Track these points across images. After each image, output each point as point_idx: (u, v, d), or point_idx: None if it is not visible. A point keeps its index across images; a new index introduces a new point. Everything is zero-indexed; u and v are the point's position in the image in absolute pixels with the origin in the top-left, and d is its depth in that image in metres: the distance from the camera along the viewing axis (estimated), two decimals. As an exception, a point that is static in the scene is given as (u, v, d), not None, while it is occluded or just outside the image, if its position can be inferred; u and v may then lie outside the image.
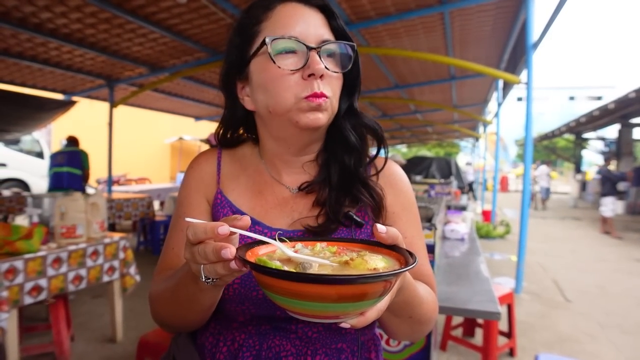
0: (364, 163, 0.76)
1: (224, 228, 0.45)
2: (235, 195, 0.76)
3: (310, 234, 0.69)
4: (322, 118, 0.67)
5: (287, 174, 0.77)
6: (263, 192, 0.76)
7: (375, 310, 0.49)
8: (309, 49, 0.64)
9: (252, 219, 0.73)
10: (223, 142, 0.81)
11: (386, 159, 0.78)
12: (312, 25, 0.67)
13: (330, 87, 0.67)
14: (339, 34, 0.70)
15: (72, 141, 5.55)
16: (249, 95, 0.72)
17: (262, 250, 0.55)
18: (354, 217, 0.70)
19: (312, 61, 0.64)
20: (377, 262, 0.50)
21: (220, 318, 0.73)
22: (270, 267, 0.45)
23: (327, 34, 0.68)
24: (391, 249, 0.54)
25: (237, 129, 0.81)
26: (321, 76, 0.65)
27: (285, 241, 0.56)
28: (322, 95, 0.65)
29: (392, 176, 0.78)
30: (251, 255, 0.52)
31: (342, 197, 0.72)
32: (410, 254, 0.51)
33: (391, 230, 0.52)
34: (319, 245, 0.58)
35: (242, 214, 0.73)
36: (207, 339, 0.74)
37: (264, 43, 0.65)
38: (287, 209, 0.75)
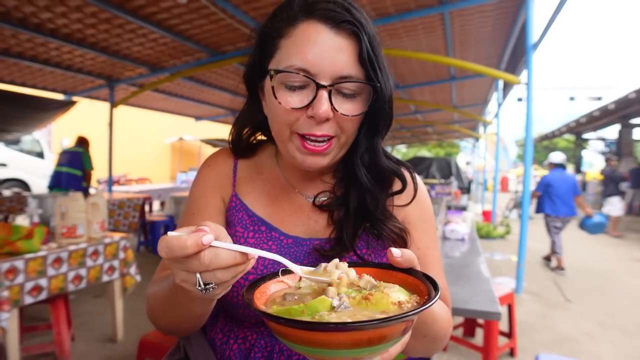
0: (382, 202, 0.71)
1: (207, 237, 0.41)
2: (252, 199, 0.74)
3: (321, 256, 0.66)
4: (323, 161, 0.63)
5: (303, 182, 0.75)
6: (279, 199, 0.75)
7: (400, 344, 0.47)
8: (319, 87, 0.57)
9: (269, 224, 0.72)
10: (238, 147, 0.77)
11: (415, 190, 0.74)
12: (331, 55, 0.58)
13: (340, 126, 0.61)
14: (368, 67, 0.60)
15: (80, 142, 5.69)
16: (266, 102, 0.68)
17: (272, 288, 0.51)
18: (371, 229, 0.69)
19: (317, 102, 0.57)
20: (398, 295, 0.46)
21: (231, 315, 0.72)
22: (296, 319, 0.41)
23: (349, 67, 0.59)
24: (407, 272, 0.51)
25: (255, 131, 0.76)
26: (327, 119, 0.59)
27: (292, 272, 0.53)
28: (323, 136, 0.60)
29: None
30: (260, 297, 0.48)
31: (360, 226, 0.68)
32: (429, 278, 0.48)
33: (406, 254, 0.50)
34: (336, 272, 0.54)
35: (259, 219, 0.72)
36: (216, 335, 0.73)
37: (272, 71, 0.60)
38: (303, 217, 0.73)
